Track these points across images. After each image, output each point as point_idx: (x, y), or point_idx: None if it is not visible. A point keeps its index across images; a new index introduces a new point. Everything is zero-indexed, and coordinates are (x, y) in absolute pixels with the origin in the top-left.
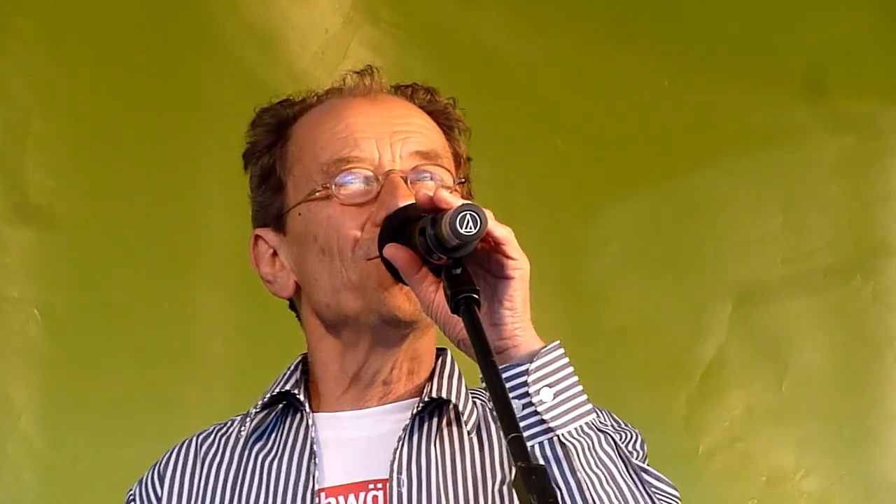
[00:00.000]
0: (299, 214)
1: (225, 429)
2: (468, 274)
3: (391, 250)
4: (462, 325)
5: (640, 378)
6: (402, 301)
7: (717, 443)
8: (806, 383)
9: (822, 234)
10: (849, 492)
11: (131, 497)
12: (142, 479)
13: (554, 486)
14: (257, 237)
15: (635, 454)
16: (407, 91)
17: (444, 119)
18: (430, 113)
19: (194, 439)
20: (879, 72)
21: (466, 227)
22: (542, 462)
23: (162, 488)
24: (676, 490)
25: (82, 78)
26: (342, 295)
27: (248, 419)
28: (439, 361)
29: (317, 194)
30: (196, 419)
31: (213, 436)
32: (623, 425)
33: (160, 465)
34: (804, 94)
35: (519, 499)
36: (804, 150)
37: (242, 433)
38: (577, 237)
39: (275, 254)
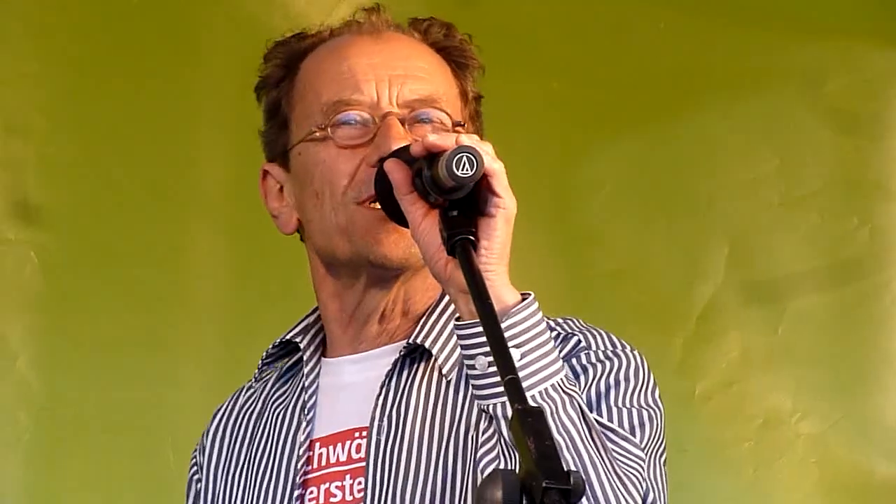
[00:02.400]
0: (299, 154)
1: (259, 373)
2: (465, 216)
3: (391, 164)
4: (440, 255)
5: (635, 322)
6: (391, 248)
7: (713, 386)
8: (802, 326)
9: (818, 177)
10: (845, 434)
11: (196, 447)
12: (204, 429)
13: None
14: (266, 172)
15: (623, 384)
16: (422, 26)
17: (457, 55)
18: (443, 49)
19: (243, 388)
20: (876, 14)
21: (462, 169)
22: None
23: (207, 440)
24: (641, 450)
25: (74, 19)
26: (334, 238)
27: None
28: (435, 302)
29: (315, 134)
30: (189, 360)
31: (259, 382)
32: (618, 348)
33: (214, 415)
34: (800, 37)
35: (515, 441)
36: (800, 92)
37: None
38: (571, 179)
39: (282, 189)
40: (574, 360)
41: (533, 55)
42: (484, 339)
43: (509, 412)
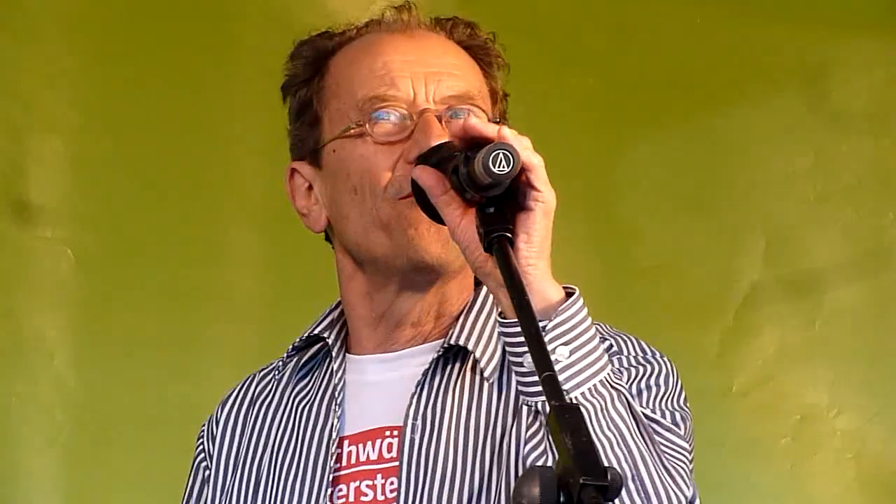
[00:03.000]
0: (333, 151)
1: (283, 365)
2: (502, 213)
3: (418, 171)
4: (479, 252)
5: (672, 317)
6: (431, 243)
7: (751, 381)
8: (839, 321)
9: (853, 171)
10: (883, 429)
11: (200, 433)
12: (210, 416)
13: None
14: (293, 170)
15: (655, 390)
16: (447, 25)
17: (482, 55)
18: (468, 48)
19: (256, 376)
20: None
21: (499, 166)
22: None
23: (217, 428)
24: (687, 442)
25: (109, 16)
26: (372, 234)
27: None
28: (471, 299)
29: (351, 131)
30: (227, 357)
31: (270, 374)
32: (648, 354)
33: (223, 403)
34: (835, 30)
35: (553, 439)
36: (835, 86)
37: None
38: (608, 175)
39: (310, 187)
40: None
41: (569, 51)
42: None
43: None
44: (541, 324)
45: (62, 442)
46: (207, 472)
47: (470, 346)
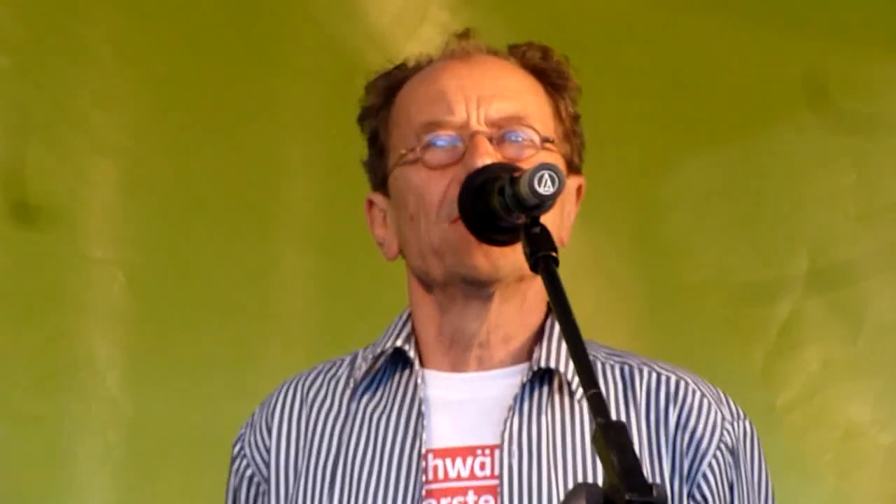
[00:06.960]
0: (395, 179)
1: (334, 370)
2: (547, 233)
3: None
4: None
5: (717, 333)
6: (479, 260)
7: (794, 397)
8: (882, 337)
9: (895, 189)
10: None
11: (240, 448)
12: (244, 433)
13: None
14: (370, 201)
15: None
16: (518, 50)
17: (555, 77)
18: (540, 71)
19: (300, 382)
20: None
21: (544, 186)
22: None
23: (269, 436)
24: None
25: (161, 38)
26: (428, 259)
27: (356, 367)
28: (547, 323)
29: (407, 157)
30: (278, 377)
31: (321, 377)
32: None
33: (269, 410)
34: (878, 49)
35: (599, 455)
36: (878, 104)
37: (351, 381)
38: (652, 193)
39: (386, 216)
40: None
41: (613, 71)
42: None
43: None
44: None
45: (114, 462)
46: (262, 486)
47: (561, 369)
